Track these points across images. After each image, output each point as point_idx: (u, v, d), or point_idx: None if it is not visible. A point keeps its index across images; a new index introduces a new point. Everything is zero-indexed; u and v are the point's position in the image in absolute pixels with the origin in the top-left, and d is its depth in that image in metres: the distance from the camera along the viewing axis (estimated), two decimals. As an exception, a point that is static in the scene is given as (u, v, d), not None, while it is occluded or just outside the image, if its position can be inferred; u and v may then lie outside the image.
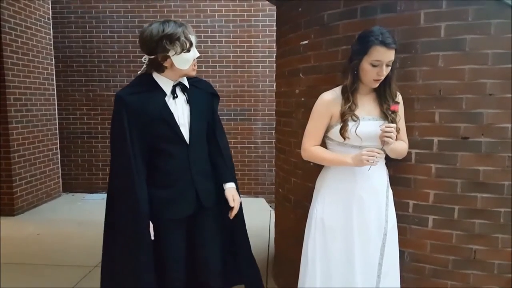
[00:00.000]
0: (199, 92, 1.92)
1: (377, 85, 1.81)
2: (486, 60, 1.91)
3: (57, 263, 3.46)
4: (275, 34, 3.19)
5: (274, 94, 3.52)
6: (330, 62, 2.29)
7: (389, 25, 2.01)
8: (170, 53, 1.72)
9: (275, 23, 3.18)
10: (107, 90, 5.95)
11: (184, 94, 1.86)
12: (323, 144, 1.96)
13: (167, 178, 1.83)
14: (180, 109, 1.83)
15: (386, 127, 1.75)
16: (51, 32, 5.68)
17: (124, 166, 1.74)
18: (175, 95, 1.82)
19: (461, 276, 2.03)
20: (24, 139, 5.06)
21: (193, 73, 1.85)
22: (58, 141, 5.84)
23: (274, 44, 3.36)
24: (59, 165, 5.90)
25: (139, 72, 1.86)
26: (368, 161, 1.74)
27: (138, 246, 1.75)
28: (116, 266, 1.83)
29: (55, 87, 5.77)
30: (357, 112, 1.83)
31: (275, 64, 3.23)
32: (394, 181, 2.01)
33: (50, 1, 5.66)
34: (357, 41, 1.83)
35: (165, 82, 1.81)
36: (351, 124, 1.81)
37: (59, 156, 5.88)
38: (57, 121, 5.83)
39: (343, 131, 1.82)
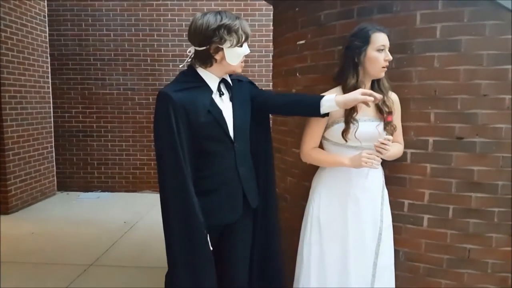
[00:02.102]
0: (240, 84, 1.84)
1: (383, 74, 1.83)
2: (481, 61, 1.92)
3: (51, 262, 3.45)
4: (271, 33, 3.19)
5: (270, 93, 3.52)
6: (326, 62, 2.29)
7: (386, 26, 2.02)
8: (225, 45, 1.63)
9: (271, 23, 3.18)
10: (103, 88, 5.93)
11: (228, 92, 1.78)
12: (320, 144, 1.98)
13: (214, 182, 1.74)
14: (226, 107, 1.74)
15: (381, 141, 1.74)
16: (47, 29, 5.65)
17: (175, 172, 1.63)
18: (222, 93, 1.74)
19: (455, 275, 2.05)
20: (19, 137, 5.04)
21: (240, 70, 1.76)
22: (53, 139, 5.82)
23: (271, 43, 3.36)
24: (54, 163, 5.88)
25: (180, 66, 1.79)
26: (366, 163, 1.74)
27: (198, 257, 1.68)
28: (178, 273, 1.74)
29: (50, 85, 5.75)
30: (362, 112, 1.84)
31: (271, 63, 3.24)
32: (390, 181, 2.02)
33: (45, -1, 5.64)
34: (353, 37, 1.84)
35: (211, 78, 1.71)
36: (352, 127, 1.83)
37: (54, 154, 5.86)
38: (52, 119, 5.81)
39: (345, 134, 1.83)
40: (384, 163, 1.98)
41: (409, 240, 2.09)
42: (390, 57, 1.81)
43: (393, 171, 2.06)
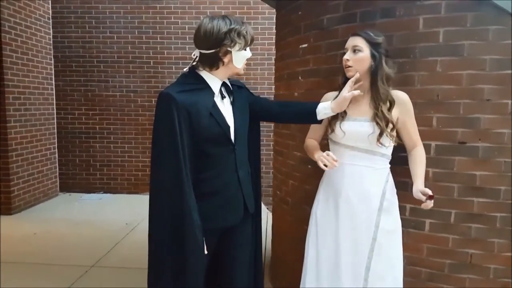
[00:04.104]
0: (240, 90, 1.87)
1: (350, 73, 1.83)
2: (484, 66, 1.92)
3: (53, 263, 3.46)
4: (274, 37, 3.20)
5: (272, 96, 3.53)
6: (329, 66, 2.30)
7: (388, 30, 2.03)
8: (234, 48, 1.67)
9: (274, 26, 3.19)
10: (106, 90, 5.95)
11: (229, 96, 1.80)
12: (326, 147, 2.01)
13: (215, 184, 1.74)
14: (227, 110, 1.76)
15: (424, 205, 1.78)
16: (51, 31, 5.68)
17: (175, 174, 1.61)
18: (223, 95, 1.76)
19: (457, 280, 2.04)
20: (22, 138, 5.06)
21: (242, 72, 1.79)
22: (56, 140, 5.84)
23: (273, 47, 3.37)
24: (57, 164, 5.90)
25: (185, 69, 1.77)
26: (321, 161, 1.77)
27: (193, 261, 1.66)
28: (165, 275, 1.71)
29: (53, 86, 5.77)
30: (350, 111, 1.85)
31: (274, 67, 3.24)
32: (392, 185, 2.02)
33: (50, 1, 5.66)
34: None
35: (213, 81, 1.73)
36: (339, 119, 1.88)
37: (56, 155, 5.87)
38: (55, 120, 5.83)
39: (331, 122, 1.90)
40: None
41: (411, 244, 2.09)
42: (347, 58, 1.83)
43: (395, 175, 2.05)
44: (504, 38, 1.89)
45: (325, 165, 1.77)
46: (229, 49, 1.67)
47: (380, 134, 1.81)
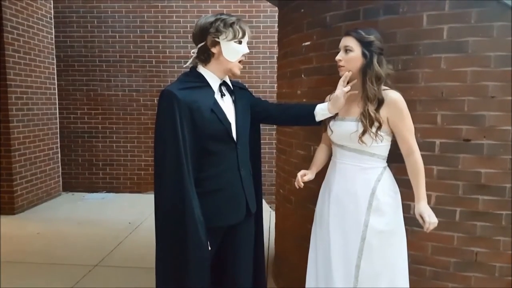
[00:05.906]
0: (241, 91, 1.89)
1: (341, 72, 1.83)
2: (489, 63, 1.91)
3: (56, 262, 3.46)
4: (276, 35, 3.19)
5: (275, 95, 3.53)
6: (332, 64, 2.27)
7: (392, 27, 2.02)
8: (221, 37, 1.68)
9: (276, 24, 3.19)
10: (108, 89, 5.96)
11: (230, 95, 1.81)
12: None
13: (217, 182, 1.74)
14: (228, 109, 1.77)
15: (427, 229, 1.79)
16: (53, 31, 5.69)
17: (176, 171, 1.62)
18: (223, 93, 1.77)
19: (462, 279, 2.03)
20: (25, 138, 5.07)
21: (238, 71, 1.79)
22: (58, 140, 5.85)
23: (275, 45, 3.37)
24: (60, 164, 5.91)
25: (185, 66, 1.79)
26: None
27: (196, 258, 1.66)
28: (172, 276, 1.72)
29: (56, 86, 5.79)
30: (341, 111, 1.84)
31: (276, 65, 3.23)
32: (396, 183, 2.01)
33: (52, 1, 5.67)
34: None
35: (212, 78, 1.75)
36: (331, 119, 1.89)
37: (59, 155, 5.89)
38: (58, 120, 5.84)
39: (324, 122, 1.91)
40: (390, 165, 1.96)
41: (415, 242, 2.08)
42: (339, 58, 1.83)
43: (399, 173, 2.04)
44: (508, 35, 1.88)
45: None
46: (216, 39, 1.69)
47: (363, 133, 1.77)
